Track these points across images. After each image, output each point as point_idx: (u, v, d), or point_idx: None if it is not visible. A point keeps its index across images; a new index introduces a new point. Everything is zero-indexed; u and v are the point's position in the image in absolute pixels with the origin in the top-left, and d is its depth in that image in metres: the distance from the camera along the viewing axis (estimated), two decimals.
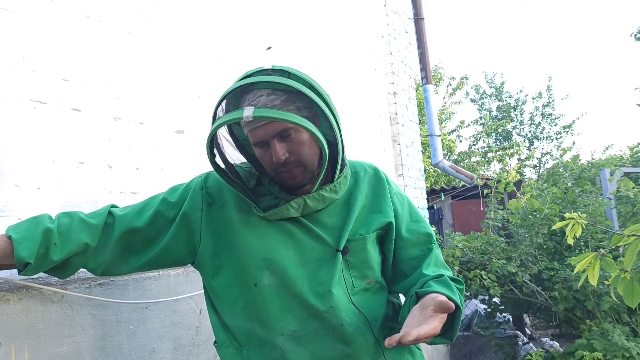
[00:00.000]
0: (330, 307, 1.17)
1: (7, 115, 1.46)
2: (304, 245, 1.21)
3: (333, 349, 1.18)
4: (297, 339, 1.17)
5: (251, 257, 1.20)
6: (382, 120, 4.12)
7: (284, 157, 1.13)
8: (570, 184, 5.38)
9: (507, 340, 4.36)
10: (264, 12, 2.75)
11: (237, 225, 1.23)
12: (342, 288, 1.20)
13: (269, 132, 1.12)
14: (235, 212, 1.24)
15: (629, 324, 3.18)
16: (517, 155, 14.14)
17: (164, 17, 2.07)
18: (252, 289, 1.20)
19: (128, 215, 1.26)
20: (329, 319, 1.17)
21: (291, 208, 1.20)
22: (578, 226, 1.75)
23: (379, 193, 1.32)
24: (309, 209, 1.22)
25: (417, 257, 1.29)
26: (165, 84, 2.03)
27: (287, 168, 1.15)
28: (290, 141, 1.14)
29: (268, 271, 1.19)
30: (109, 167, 1.75)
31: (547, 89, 19.17)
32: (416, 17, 4.92)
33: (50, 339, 1.37)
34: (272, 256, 1.19)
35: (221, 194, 1.27)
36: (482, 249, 4.16)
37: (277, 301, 1.18)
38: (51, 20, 1.61)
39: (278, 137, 1.13)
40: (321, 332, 1.17)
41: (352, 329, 1.18)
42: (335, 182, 1.23)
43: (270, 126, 1.11)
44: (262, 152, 1.17)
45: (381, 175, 1.36)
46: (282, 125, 1.11)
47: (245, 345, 1.22)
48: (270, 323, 1.18)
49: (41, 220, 1.17)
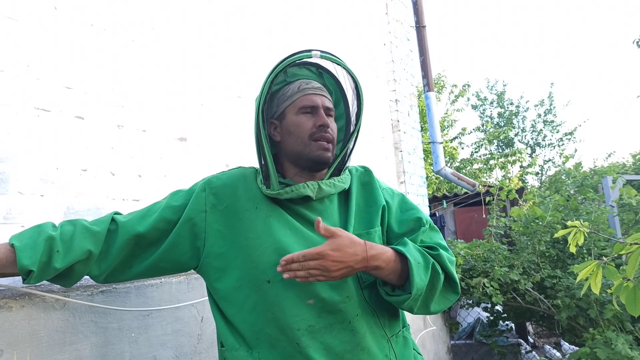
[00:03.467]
0: (347, 297, 1.19)
1: (10, 123, 1.47)
2: (314, 239, 1.22)
3: (348, 341, 1.18)
4: (313, 333, 1.17)
5: (263, 253, 1.20)
6: (383, 127, 4.13)
7: (329, 125, 1.26)
8: (573, 192, 5.37)
9: (509, 349, 4.34)
10: (266, 18, 2.77)
11: (244, 223, 1.24)
12: (354, 280, 1.22)
13: (323, 101, 1.28)
14: (242, 211, 1.25)
15: (632, 332, 3.16)
16: (519, 163, 14.13)
17: (166, 25, 2.09)
18: (264, 286, 1.19)
19: (131, 221, 1.27)
20: (344, 310, 1.18)
21: (307, 187, 1.24)
22: (580, 234, 1.74)
23: (370, 187, 1.38)
24: (322, 192, 1.27)
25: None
26: (167, 92, 2.04)
27: (325, 135, 1.26)
28: (331, 121, 1.29)
29: None
30: (112, 174, 1.75)
31: (549, 95, 19.18)
32: (418, 25, 4.94)
33: (52, 346, 1.37)
34: (285, 252, 1.19)
35: (225, 195, 1.28)
36: (485, 256, 4.15)
37: (292, 297, 1.18)
38: (55, 29, 1.62)
39: (325, 110, 1.28)
40: (336, 325, 1.18)
41: (364, 321, 1.20)
42: (342, 176, 1.33)
43: (324, 98, 1.29)
44: (305, 118, 1.27)
45: (370, 172, 1.43)
46: (330, 104, 1.30)
47: (256, 346, 1.20)
48: (286, 319, 1.17)
49: (44, 228, 1.17)
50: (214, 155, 2.24)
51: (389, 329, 1.26)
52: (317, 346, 1.16)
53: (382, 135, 4.06)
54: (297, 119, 1.26)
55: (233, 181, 1.31)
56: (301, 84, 1.28)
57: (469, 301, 4.15)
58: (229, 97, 2.38)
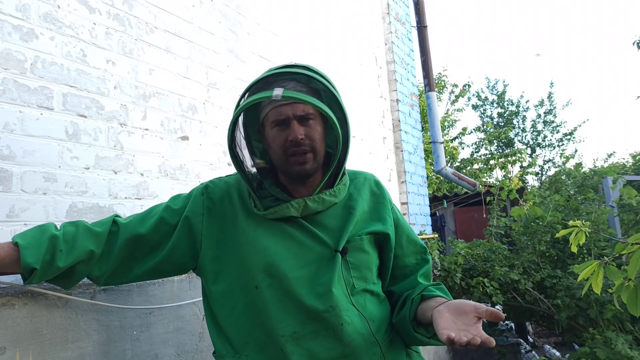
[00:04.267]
0: (330, 307, 1.18)
1: (14, 121, 1.47)
2: (304, 246, 1.23)
3: (333, 349, 1.18)
4: (297, 340, 1.18)
5: (252, 260, 1.22)
6: (385, 127, 4.14)
7: (301, 137, 1.19)
8: (573, 192, 5.38)
9: (509, 348, 4.34)
10: (268, 18, 2.77)
11: (237, 229, 1.26)
12: (341, 288, 1.21)
13: (293, 111, 1.19)
14: (236, 217, 1.27)
15: (632, 332, 3.17)
16: (519, 163, 14.13)
17: (168, 22, 2.09)
18: (253, 291, 1.21)
19: (132, 223, 1.29)
20: (328, 319, 1.18)
21: (291, 207, 1.23)
22: (582, 234, 1.75)
23: (379, 201, 1.37)
24: (308, 209, 1.25)
25: (412, 265, 1.38)
26: (170, 91, 2.04)
27: (300, 149, 1.20)
28: (308, 126, 1.21)
29: (268, 273, 1.21)
30: (114, 172, 1.76)
31: (549, 96, 19.19)
32: (419, 25, 4.95)
33: (54, 343, 1.37)
34: (271, 259, 1.21)
35: (222, 201, 1.30)
36: (485, 256, 4.15)
37: (277, 303, 1.19)
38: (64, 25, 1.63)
39: (298, 119, 1.20)
40: (321, 332, 1.18)
41: (351, 329, 1.19)
42: (335, 187, 1.29)
43: (295, 106, 1.19)
44: (278, 132, 1.21)
45: (381, 185, 1.42)
46: (304, 109, 1.20)
47: (244, 350, 1.22)
48: (272, 324, 1.18)
49: (47, 228, 1.19)
50: (216, 154, 2.24)
51: (381, 335, 1.25)
52: (301, 352, 1.17)
53: (383, 135, 4.07)
54: (272, 132, 1.22)
55: (229, 187, 1.33)
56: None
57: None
58: (233, 97, 2.39)
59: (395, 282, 1.37)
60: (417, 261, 1.38)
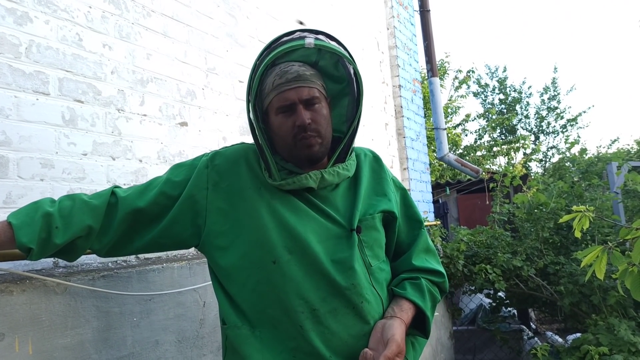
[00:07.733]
0: (352, 284, 1.17)
1: (10, 107, 1.45)
2: (319, 223, 1.21)
3: (353, 327, 1.17)
4: (316, 317, 1.15)
5: (268, 234, 1.18)
6: (387, 113, 4.10)
7: (308, 121, 1.17)
8: (577, 178, 5.34)
9: (512, 335, 4.35)
10: (268, 1, 2.73)
11: (247, 202, 1.21)
12: (361, 266, 1.20)
13: (298, 95, 1.18)
14: (245, 189, 1.23)
15: (635, 318, 3.16)
16: (522, 150, 14.07)
17: (165, 6, 2.06)
18: (268, 266, 1.17)
19: (131, 195, 1.24)
20: (349, 296, 1.16)
21: (310, 178, 1.21)
22: (585, 219, 1.73)
23: (380, 176, 1.36)
24: (325, 182, 1.23)
25: (408, 242, 1.36)
26: (168, 76, 2.01)
27: (307, 134, 1.18)
28: (314, 110, 1.20)
29: (288, 249, 1.17)
30: (113, 159, 1.74)
31: (553, 81, 19.02)
32: (422, 9, 4.88)
33: (53, 330, 1.37)
34: (293, 233, 1.17)
35: (230, 173, 1.25)
36: (488, 243, 4.14)
37: (298, 278, 1.16)
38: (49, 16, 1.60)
39: (304, 104, 1.19)
40: (341, 309, 1.16)
41: (370, 308, 1.18)
42: (347, 162, 1.28)
43: (300, 90, 1.18)
44: (284, 118, 1.19)
45: (379, 159, 1.40)
46: (310, 93, 1.19)
47: (258, 326, 1.19)
48: (290, 301, 1.15)
49: (41, 204, 1.16)
50: (215, 140, 2.22)
51: None
52: (319, 330, 1.15)
53: (385, 122, 4.03)
54: (277, 120, 1.20)
55: (236, 158, 1.27)
56: (275, 78, 1.19)
57: (471, 287, 4.15)
58: (232, 82, 2.36)
59: (393, 260, 1.36)
60: (412, 238, 1.36)
